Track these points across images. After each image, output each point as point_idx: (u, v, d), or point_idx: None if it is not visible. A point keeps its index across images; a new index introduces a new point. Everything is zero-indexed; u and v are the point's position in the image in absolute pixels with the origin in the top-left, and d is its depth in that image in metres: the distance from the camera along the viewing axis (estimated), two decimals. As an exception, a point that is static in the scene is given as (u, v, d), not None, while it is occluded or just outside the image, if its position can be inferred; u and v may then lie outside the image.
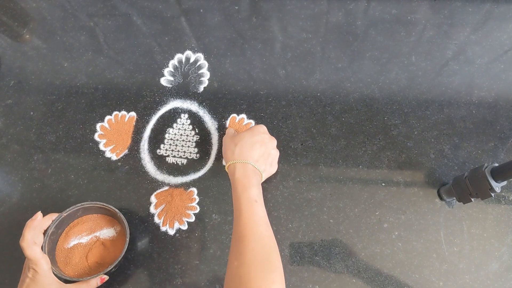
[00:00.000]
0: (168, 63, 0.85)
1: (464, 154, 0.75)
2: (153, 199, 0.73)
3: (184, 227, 0.71)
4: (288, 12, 0.89)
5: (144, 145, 0.78)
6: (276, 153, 0.71)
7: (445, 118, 0.77)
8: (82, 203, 0.68)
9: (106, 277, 0.65)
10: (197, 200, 0.73)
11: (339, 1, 0.89)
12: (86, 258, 0.69)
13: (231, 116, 0.79)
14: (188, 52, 0.85)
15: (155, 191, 0.74)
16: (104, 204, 0.68)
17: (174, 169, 0.76)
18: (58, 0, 0.93)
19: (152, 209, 0.73)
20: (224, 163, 0.66)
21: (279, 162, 0.74)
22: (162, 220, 0.72)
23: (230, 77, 0.83)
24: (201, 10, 0.89)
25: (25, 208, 0.74)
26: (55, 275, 0.62)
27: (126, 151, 0.77)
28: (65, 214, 0.67)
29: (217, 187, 0.74)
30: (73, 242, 0.70)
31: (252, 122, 0.78)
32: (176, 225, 0.72)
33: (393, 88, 0.80)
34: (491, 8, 0.88)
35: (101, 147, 0.78)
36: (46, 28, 0.90)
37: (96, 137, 0.78)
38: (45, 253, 0.63)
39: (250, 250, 0.56)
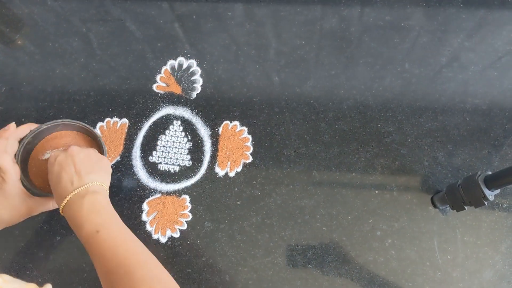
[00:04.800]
0: (161, 70, 0.84)
1: (458, 161, 0.74)
2: (145, 206, 0.73)
3: (176, 235, 0.71)
4: (281, 19, 0.88)
5: (136, 152, 0.77)
6: (85, 154, 0.61)
7: (439, 125, 0.77)
8: (64, 120, 0.67)
9: None
10: (190, 207, 0.73)
11: (332, 8, 0.89)
12: None
13: (223, 123, 0.79)
14: (181, 59, 0.85)
15: (147, 198, 0.74)
16: (86, 125, 0.68)
17: (167, 176, 0.75)
18: (51, 5, 0.92)
19: (144, 217, 0.72)
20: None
21: (273, 167, 0.74)
22: (154, 228, 0.71)
23: (223, 84, 0.83)
24: (194, 16, 0.89)
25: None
26: (25, 186, 0.61)
27: (118, 158, 0.76)
28: (44, 127, 0.66)
29: (210, 195, 0.73)
30: (48, 154, 0.68)
31: (245, 128, 0.78)
32: (168, 233, 0.71)
33: (387, 95, 0.80)
34: (485, 15, 0.88)
35: (93, 154, 0.77)
36: (38, 33, 0.90)
37: (88, 144, 0.78)
38: (17, 162, 0.62)
39: (113, 281, 0.49)
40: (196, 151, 0.77)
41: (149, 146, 0.78)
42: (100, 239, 0.52)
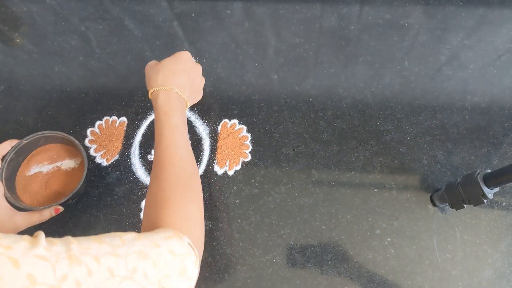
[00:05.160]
0: (160, 68, 0.84)
1: (457, 159, 0.74)
2: (143, 205, 0.73)
3: (175, 233, 0.71)
4: (280, 17, 0.88)
5: (135, 150, 0.77)
6: (201, 80, 0.72)
7: (438, 123, 0.77)
8: (43, 132, 0.69)
9: (61, 208, 0.66)
10: (188, 206, 0.72)
11: (332, 6, 0.89)
12: (45, 187, 0.70)
13: (222, 121, 0.79)
14: (180, 57, 0.85)
15: (146, 197, 0.73)
16: (65, 134, 0.69)
17: (165, 175, 0.75)
18: (49, 4, 0.92)
19: (142, 216, 0.72)
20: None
21: (272, 165, 0.73)
22: (152, 227, 0.71)
23: (222, 82, 0.82)
24: (193, 15, 0.89)
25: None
26: (10, 202, 0.62)
27: (116, 157, 0.76)
28: (25, 141, 0.68)
29: (208, 193, 0.73)
30: (34, 170, 0.71)
31: (244, 127, 0.78)
32: (167, 232, 0.71)
33: (386, 93, 0.80)
34: (485, 13, 0.88)
35: (92, 152, 0.77)
36: (37, 32, 0.90)
37: (86, 142, 0.78)
38: (1, 179, 0.63)
39: (168, 174, 0.56)
40: (195, 149, 0.77)
41: (147, 144, 0.77)
42: (176, 134, 0.60)
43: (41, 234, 0.38)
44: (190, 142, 0.64)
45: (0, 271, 0.32)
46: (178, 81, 0.65)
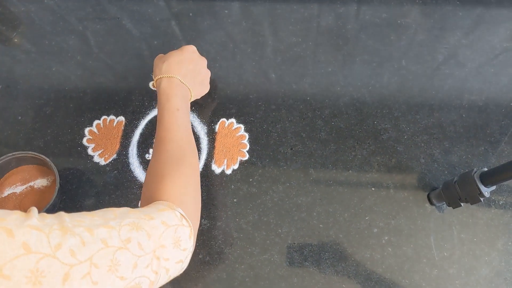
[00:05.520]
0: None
1: (454, 158, 0.74)
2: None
3: (173, 232, 0.71)
4: (278, 16, 0.88)
5: (133, 150, 0.77)
6: (206, 73, 0.75)
7: (436, 122, 0.77)
8: (14, 153, 0.70)
9: None
10: (186, 205, 0.72)
11: (329, 5, 0.89)
12: (19, 206, 0.70)
13: (220, 120, 0.79)
14: (178, 56, 0.85)
15: (144, 196, 0.73)
16: (36, 153, 0.70)
17: (163, 174, 0.75)
18: (47, 4, 0.92)
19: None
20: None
21: (270, 164, 0.73)
22: (150, 226, 0.71)
23: (220, 81, 0.83)
24: (191, 14, 0.89)
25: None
26: None
27: (114, 156, 0.76)
28: None
29: (206, 192, 0.73)
30: (7, 192, 0.72)
31: (242, 126, 0.78)
32: (165, 231, 0.71)
33: (383, 92, 0.80)
34: (482, 12, 0.88)
35: (90, 151, 0.77)
36: (35, 32, 0.90)
37: (84, 141, 0.78)
38: None
39: (166, 150, 0.60)
40: (192, 148, 0.77)
41: (145, 143, 0.78)
42: (177, 115, 0.63)
43: (33, 209, 0.39)
44: (190, 125, 0.66)
45: None
46: (181, 70, 0.68)
